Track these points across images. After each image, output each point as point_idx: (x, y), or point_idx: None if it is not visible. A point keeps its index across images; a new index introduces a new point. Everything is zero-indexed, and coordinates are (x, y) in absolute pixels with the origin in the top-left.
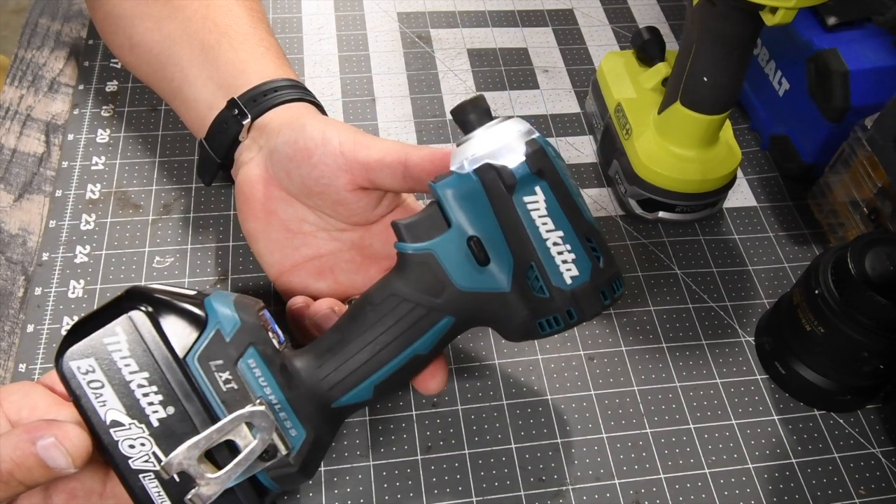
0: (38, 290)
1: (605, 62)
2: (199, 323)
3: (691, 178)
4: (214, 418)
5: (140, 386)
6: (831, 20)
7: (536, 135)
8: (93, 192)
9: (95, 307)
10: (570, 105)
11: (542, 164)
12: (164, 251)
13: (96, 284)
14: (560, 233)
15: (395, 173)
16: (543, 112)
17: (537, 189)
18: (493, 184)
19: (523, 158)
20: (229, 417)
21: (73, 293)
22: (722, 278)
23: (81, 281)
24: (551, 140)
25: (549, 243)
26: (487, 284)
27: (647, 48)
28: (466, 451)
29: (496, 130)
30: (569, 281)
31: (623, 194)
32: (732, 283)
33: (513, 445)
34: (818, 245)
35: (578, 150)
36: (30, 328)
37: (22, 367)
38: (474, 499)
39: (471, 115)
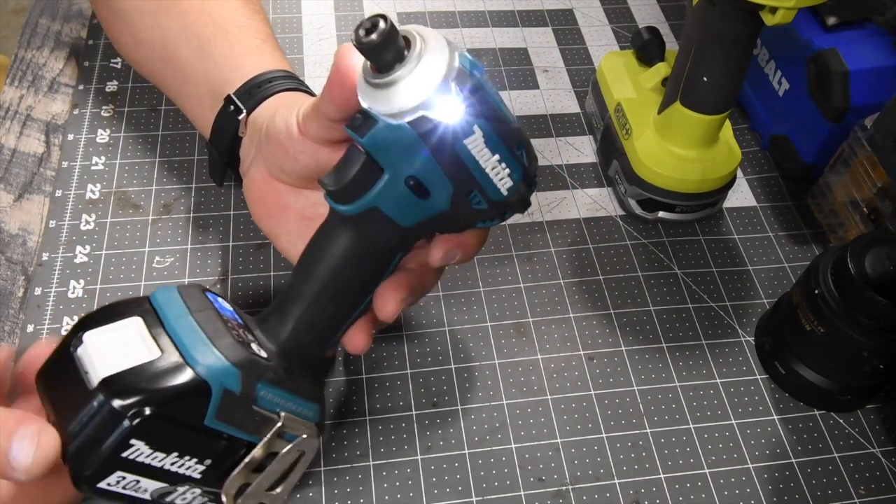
0: (38, 290)
1: (605, 62)
2: (203, 391)
3: (691, 178)
4: (250, 446)
5: (172, 464)
6: (831, 20)
7: (459, 62)
8: (93, 192)
9: (85, 321)
10: (570, 105)
11: (479, 102)
12: (164, 251)
13: (96, 284)
14: (497, 156)
15: (322, 125)
16: (543, 112)
17: (475, 129)
18: (432, 136)
19: (461, 105)
20: (265, 440)
21: (72, 293)
22: (722, 278)
23: (81, 281)
24: (551, 141)
25: (487, 170)
26: (429, 212)
27: (647, 48)
28: (466, 451)
29: (421, 72)
30: (505, 193)
31: (623, 194)
32: (732, 283)
33: (513, 445)
34: (818, 245)
35: (578, 150)
36: (30, 328)
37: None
38: (474, 499)
39: (387, 56)
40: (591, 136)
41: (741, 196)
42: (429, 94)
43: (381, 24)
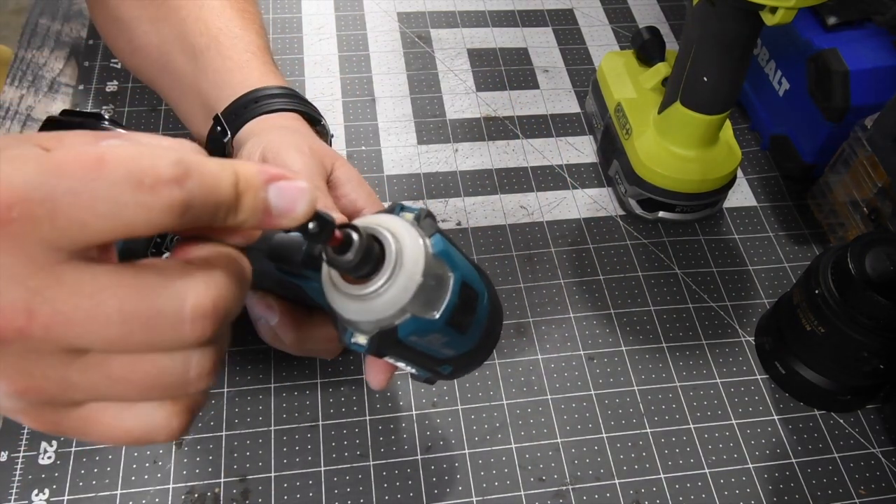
0: None
1: (605, 62)
2: None
3: (691, 178)
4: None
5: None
6: (831, 20)
7: (433, 248)
8: None
9: None
10: (570, 105)
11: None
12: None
13: None
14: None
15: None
16: (543, 112)
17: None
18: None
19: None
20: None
21: None
22: (722, 278)
23: None
24: (551, 141)
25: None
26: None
27: (647, 48)
28: (466, 451)
29: (402, 277)
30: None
31: (623, 194)
32: (732, 283)
33: (513, 445)
34: (818, 245)
35: (578, 150)
36: None
37: None
38: (474, 499)
39: (364, 269)
40: (591, 136)
41: (741, 196)
42: (409, 297)
43: (356, 239)
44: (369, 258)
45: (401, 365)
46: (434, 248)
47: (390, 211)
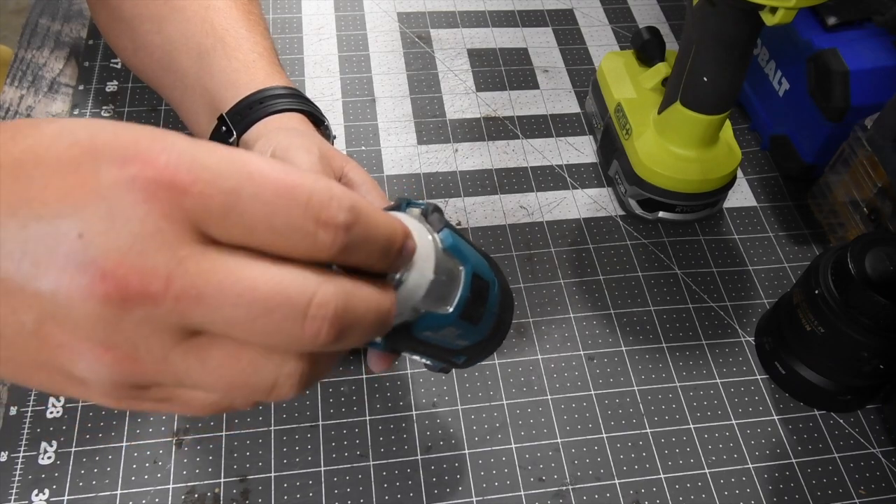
0: None
1: (605, 62)
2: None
3: (691, 178)
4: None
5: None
6: (831, 20)
7: (442, 242)
8: None
9: None
10: (570, 105)
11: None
12: None
13: None
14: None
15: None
16: (543, 112)
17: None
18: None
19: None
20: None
21: None
22: (722, 278)
23: None
24: (551, 141)
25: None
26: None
27: (647, 48)
28: (466, 451)
29: (415, 274)
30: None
31: (623, 194)
32: (732, 283)
33: (513, 445)
34: (818, 245)
35: (578, 150)
36: None
37: None
38: (474, 499)
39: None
40: (591, 136)
41: (741, 196)
42: (422, 295)
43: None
44: None
45: (416, 357)
46: (444, 244)
47: (396, 207)
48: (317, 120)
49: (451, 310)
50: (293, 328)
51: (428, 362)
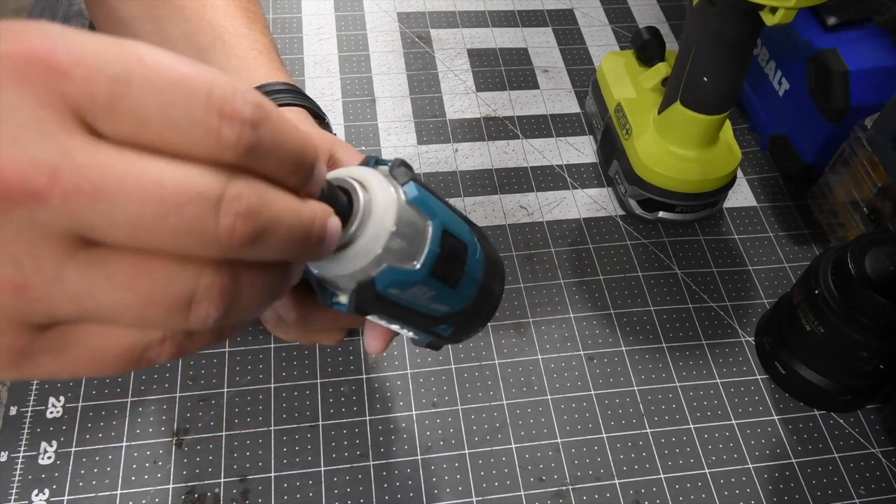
0: None
1: (605, 62)
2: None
3: (691, 178)
4: None
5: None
6: (831, 20)
7: (406, 195)
8: None
9: None
10: (570, 105)
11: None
12: None
13: None
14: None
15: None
16: (543, 112)
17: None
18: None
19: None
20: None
21: None
22: (722, 278)
23: None
24: (551, 141)
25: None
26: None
27: (647, 48)
28: (466, 451)
29: (374, 225)
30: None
31: (623, 194)
32: (732, 283)
33: (513, 445)
34: (818, 245)
35: (578, 150)
36: None
37: None
38: (474, 499)
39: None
40: (591, 136)
41: (741, 196)
42: (382, 245)
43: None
44: (335, 209)
45: (395, 328)
46: (407, 196)
47: (365, 164)
48: (317, 115)
49: (418, 265)
50: (206, 225)
51: (412, 334)
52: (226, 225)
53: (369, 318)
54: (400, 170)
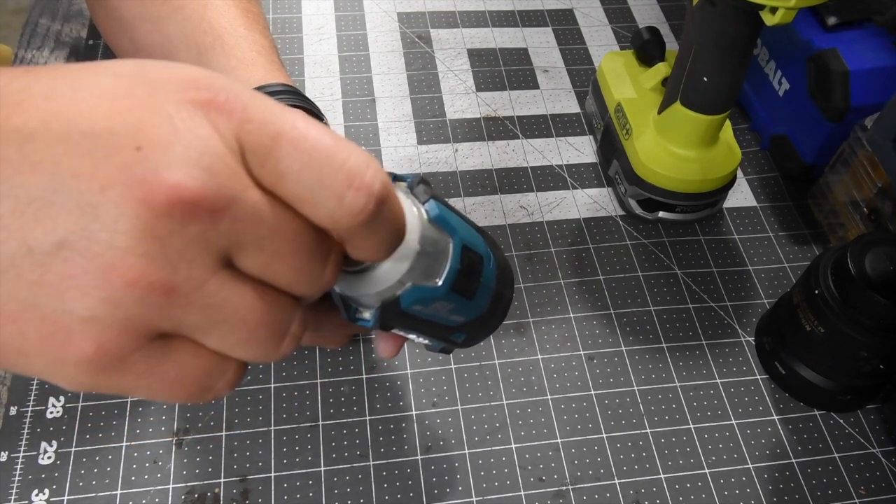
0: None
1: (605, 62)
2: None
3: (691, 178)
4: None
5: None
6: (831, 20)
7: (428, 213)
8: None
9: None
10: (570, 105)
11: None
12: None
13: None
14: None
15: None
16: (543, 112)
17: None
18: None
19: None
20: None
21: None
22: (722, 278)
23: None
24: (551, 141)
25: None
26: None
27: (647, 48)
28: (466, 451)
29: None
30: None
31: (623, 194)
32: (732, 283)
33: (513, 445)
34: (818, 245)
35: (578, 150)
36: None
37: None
38: (474, 499)
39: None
40: (591, 136)
41: (741, 196)
42: (407, 266)
43: None
44: None
45: (412, 337)
46: (429, 215)
47: None
48: (315, 117)
49: (440, 283)
50: (317, 272)
51: (426, 342)
52: (330, 273)
53: None
54: (420, 188)
